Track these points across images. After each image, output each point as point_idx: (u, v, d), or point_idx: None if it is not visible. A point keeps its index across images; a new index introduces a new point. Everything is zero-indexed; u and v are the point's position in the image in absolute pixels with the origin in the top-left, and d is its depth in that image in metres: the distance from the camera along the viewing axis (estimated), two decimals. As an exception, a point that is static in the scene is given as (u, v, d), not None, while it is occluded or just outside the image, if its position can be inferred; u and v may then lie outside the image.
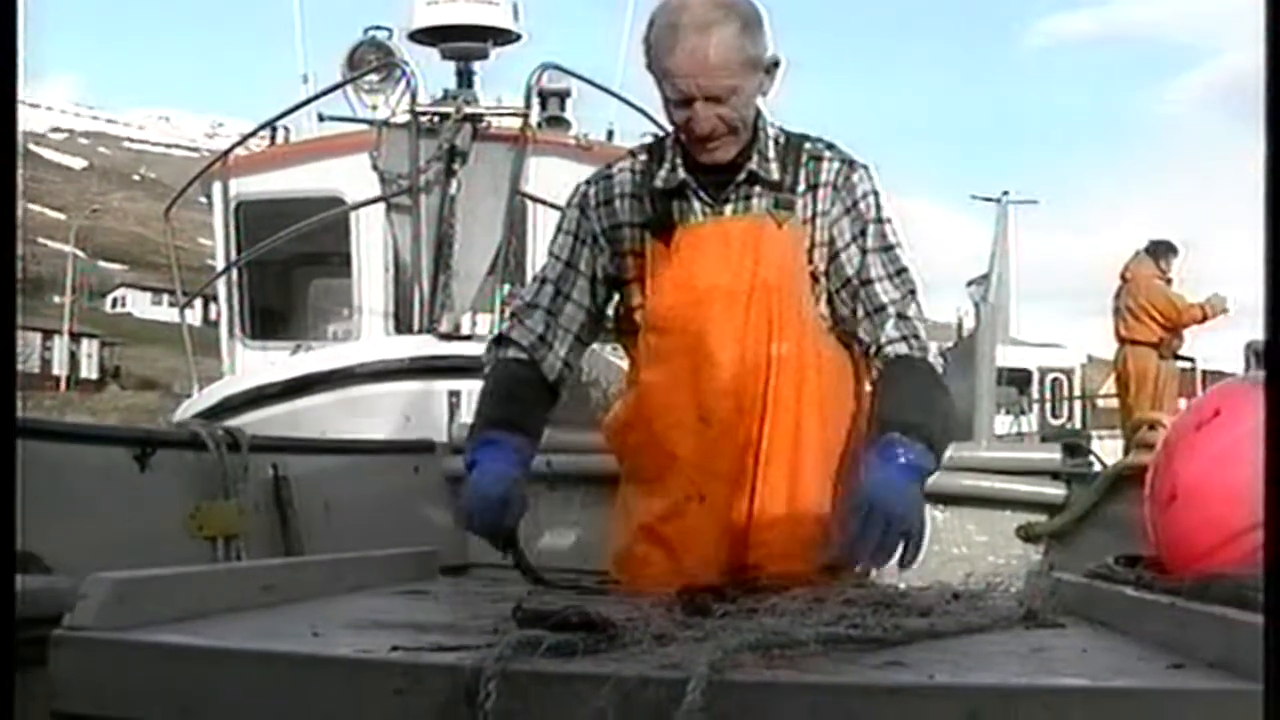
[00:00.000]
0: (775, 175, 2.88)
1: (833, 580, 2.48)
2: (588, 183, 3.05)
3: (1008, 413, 24.69)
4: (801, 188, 2.90)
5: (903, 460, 2.63)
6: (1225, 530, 2.40)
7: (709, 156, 2.83)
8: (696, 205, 2.90)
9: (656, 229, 2.91)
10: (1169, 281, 12.13)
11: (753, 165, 2.87)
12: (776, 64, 2.84)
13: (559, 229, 3.06)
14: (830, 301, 2.93)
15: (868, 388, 2.91)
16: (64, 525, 2.54)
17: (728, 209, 2.90)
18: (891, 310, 2.87)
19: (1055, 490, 3.84)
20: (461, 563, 3.93)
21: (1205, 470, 2.57)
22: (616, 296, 3.05)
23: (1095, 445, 4.10)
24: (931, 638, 1.94)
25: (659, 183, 2.91)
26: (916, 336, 2.87)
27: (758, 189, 2.89)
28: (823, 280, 2.91)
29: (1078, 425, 24.35)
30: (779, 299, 2.84)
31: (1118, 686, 1.60)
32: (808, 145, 2.94)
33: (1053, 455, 3.96)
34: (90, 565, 1.89)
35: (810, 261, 2.90)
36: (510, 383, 2.98)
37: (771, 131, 2.92)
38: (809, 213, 2.90)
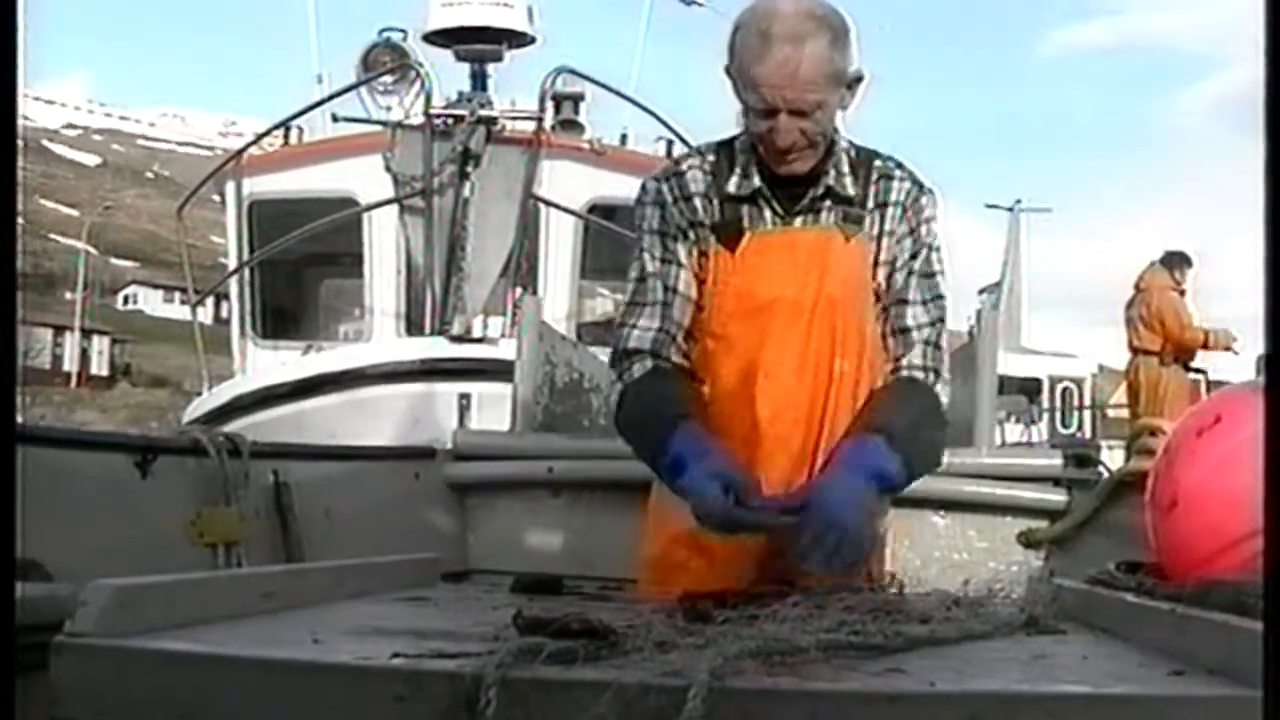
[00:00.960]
0: (850, 190, 2.86)
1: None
2: (658, 179, 2.96)
3: (1017, 421, 24.70)
4: (870, 204, 2.88)
5: (865, 463, 2.62)
6: (1226, 536, 2.40)
7: (786, 169, 2.79)
8: (767, 214, 2.86)
9: (723, 234, 2.87)
10: (1182, 293, 12.12)
11: (830, 180, 2.84)
12: (860, 79, 2.79)
13: (640, 230, 2.95)
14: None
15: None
16: (65, 532, 2.54)
17: (797, 220, 2.87)
18: (917, 337, 2.87)
19: (1056, 496, 3.84)
20: (462, 569, 3.94)
21: (1206, 476, 2.57)
22: None
23: (1105, 455, 4.10)
24: (932, 644, 1.94)
25: (731, 188, 2.86)
26: (938, 372, 2.87)
27: (828, 202, 2.86)
28: (883, 298, 2.90)
29: (1088, 435, 24.35)
30: (843, 314, 2.83)
31: (1118, 693, 1.60)
32: (878, 162, 2.92)
33: (1053, 462, 3.96)
34: (91, 572, 1.89)
35: (874, 278, 2.89)
36: (653, 391, 2.82)
37: (844, 145, 2.89)
38: (876, 230, 2.88)
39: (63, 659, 1.71)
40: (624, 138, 10.39)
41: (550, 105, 8.76)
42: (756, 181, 2.85)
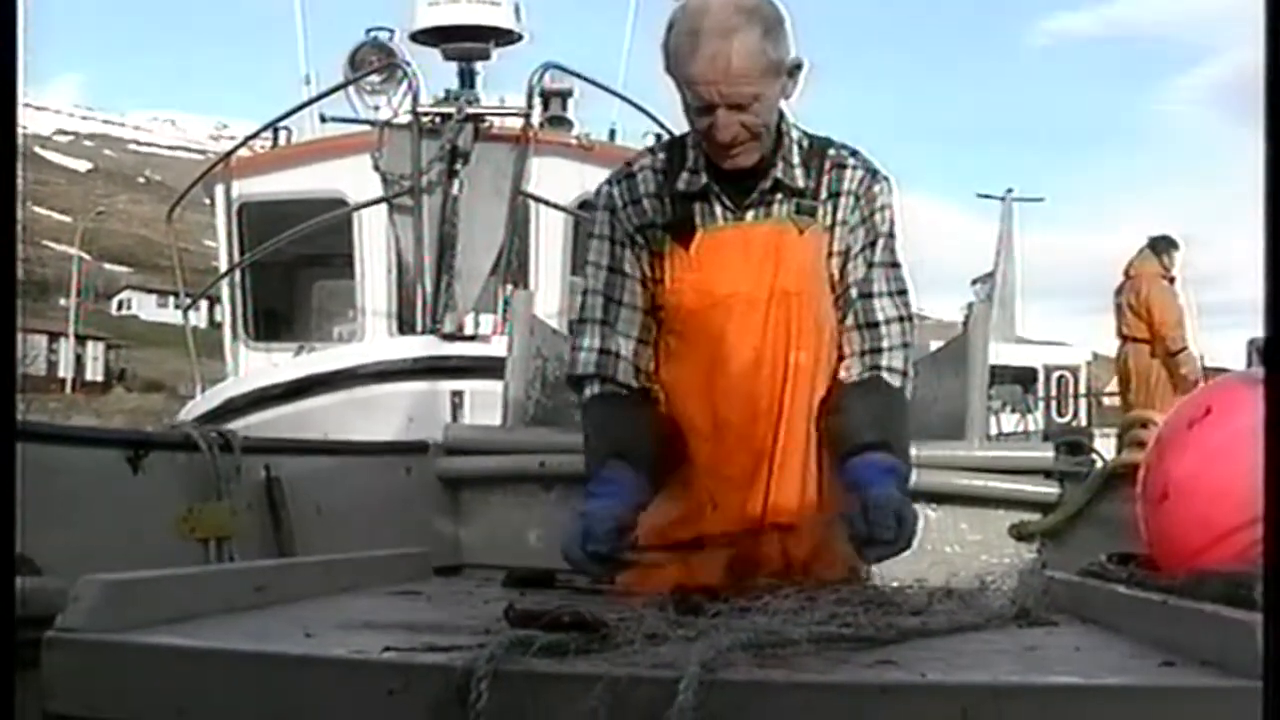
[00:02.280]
0: (800, 182, 2.85)
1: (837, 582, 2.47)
2: (610, 183, 2.97)
3: (1013, 411, 24.71)
4: (824, 194, 2.87)
5: (888, 468, 2.71)
6: (1217, 528, 2.40)
7: (731, 163, 2.79)
8: (718, 210, 2.86)
9: (677, 231, 2.87)
10: (1171, 279, 11.98)
11: (778, 173, 2.84)
12: (799, 66, 2.79)
13: (593, 235, 2.97)
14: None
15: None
16: (56, 527, 2.53)
17: (749, 214, 2.86)
18: (887, 333, 2.88)
19: (1048, 489, 3.84)
20: (454, 563, 3.94)
21: (1197, 468, 2.58)
22: None
23: (1099, 443, 4.10)
24: (924, 636, 1.94)
25: (681, 185, 2.86)
26: (906, 375, 2.90)
27: (779, 194, 2.86)
28: (837, 288, 2.90)
29: (1083, 423, 24.37)
30: (798, 306, 2.83)
31: (1110, 684, 1.61)
32: (831, 151, 2.91)
33: (1045, 454, 3.96)
34: (82, 567, 1.88)
35: (828, 269, 2.89)
36: (604, 415, 2.89)
37: (795, 135, 2.88)
38: (829, 220, 2.88)
39: (54, 654, 1.71)
40: (612, 133, 10.38)
41: (538, 102, 8.71)
42: (704, 178, 2.85)
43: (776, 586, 2.21)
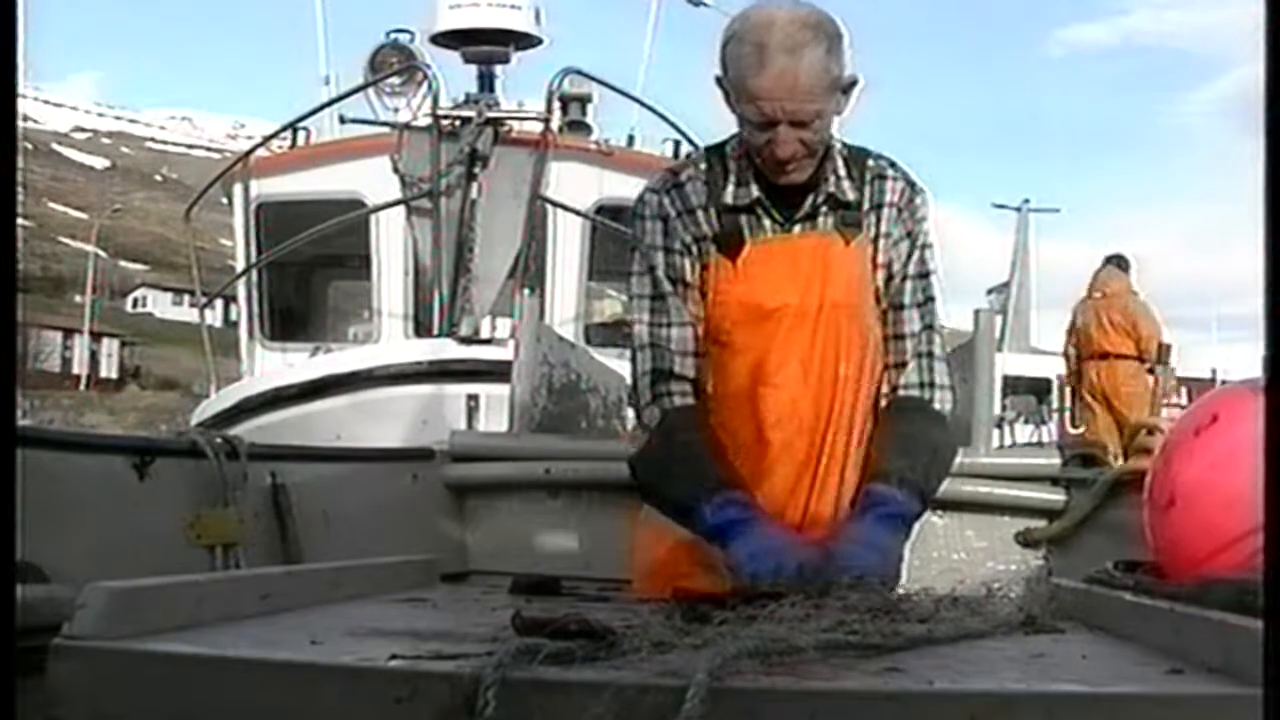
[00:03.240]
0: (850, 195, 2.84)
1: None
2: (657, 192, 2.90)
3: (1027, 422, 24.65)
4: (867, 206, 2.87)
5: (885, 511, 2.68)
6: (1224, 535, 2.40)
7: (785, 179, 2.77)
8: (767, 223, 2.84)
9: (723, 244, 2.84)
10: (1135, 294, 12.31)
11: (830, 187, 2.83)
12: (854, 83, 2.77)
13: (644, 244, 2.89)
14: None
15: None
16: (62, 534, 2.54)
17: (795, 227, 2.85)
18: (911, 346, 2.88)
19: (1054, 496, 3.84)
20: (461, 570, 3.94)
21: (1203, 475, 2.58)
22: None
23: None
24: (930, 644, 1.94)
25: (729, 199, 2.83)
26: (933, 385, 2.88)
27: (825, 207, 2.85)
28: (881, 301, 2.90)
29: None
30: (845, 318, 2.82)
31: (1117, 692, 1.60)
32: (870, 162, 2.90)
33: (1051, 461, 3.96)
34: (89, 574, 1.88)
35: (873, 281, 2.89)
36: (700, 432, 2.78)
37: (838, 147, 2.87)
38: (873, 232, 2.87)
39: (61, 662, 1.71)
40: (631, 139, 10.40)
41: (557, 106, 8.75)
42: (755, 191, 2.83)
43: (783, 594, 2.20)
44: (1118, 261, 12.33)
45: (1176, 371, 12.35)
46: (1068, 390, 12.91)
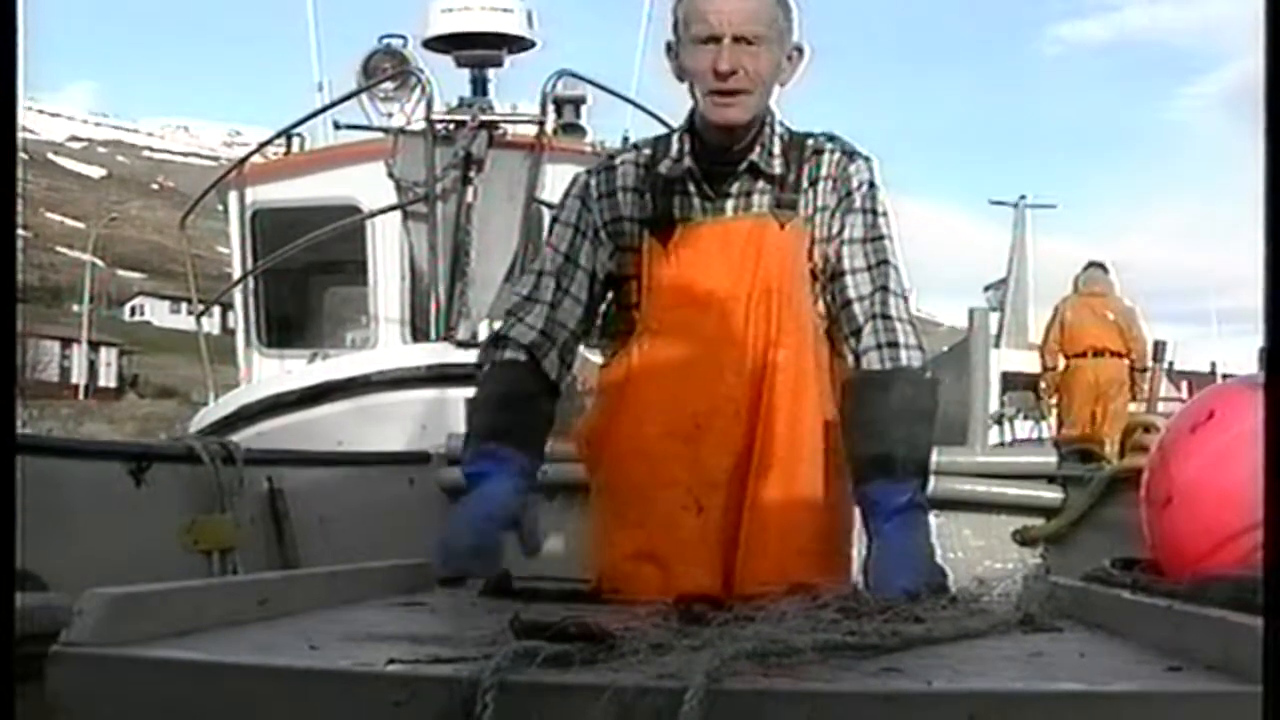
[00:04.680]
0: (777, 169, 2.82)
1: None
2: (589, 173, 2.96)
3: (1026, 418, 24.61)
4: (804, 184, 2.84)
5: (905, 510, 2.67)
6: (1221, 532, 2.40)
7: (722, 114, 2.75)
8: (697, 202, 2.83)
9: (655, 226, 2.84)
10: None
11: (754, 157, 2.81)
12: (800, 51, 2.81)
13: (556, 220, 2.98)
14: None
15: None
16: (59, 541, 2.54)
17: (729, 205, 2.84)
18: (861, 309, 2.81)
19: (1051, 494, 3.85)
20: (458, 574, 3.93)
21: (1201, 472, 2.58)
22: (610, 294, 2.97)
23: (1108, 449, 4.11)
24: (928, 643, 1.93)
25: (662, 169, 2.84)
26: (893, 344, 2.78)
27: (760, 185, 2.83)
28: (820, 278, 2.86)
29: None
30: (779, 303, 2.78)
31: (1116, 690, 1.60)
32: (810, 141, 2.88)
33: (1048, 459, 3.96)
34: (86, 581, 1.88)
35: (810, 259, 2.84)
36: (511, 384, 2.87)
37: (778, 127, 2.86)
38: (810, 210, 2.84)
39: (59, 669, 1.70)
40: (626, 140, 10.38)
41: (552, 109, 8.73)
42: (687, 162, 2.82)
43: (782, 594, 2.21)
44: (1101, 266, 12.59)
45: (1175, 367, 12.58)
46: (1045, 386, 12.98)
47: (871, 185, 2.87)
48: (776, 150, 2.84)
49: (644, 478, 2.80)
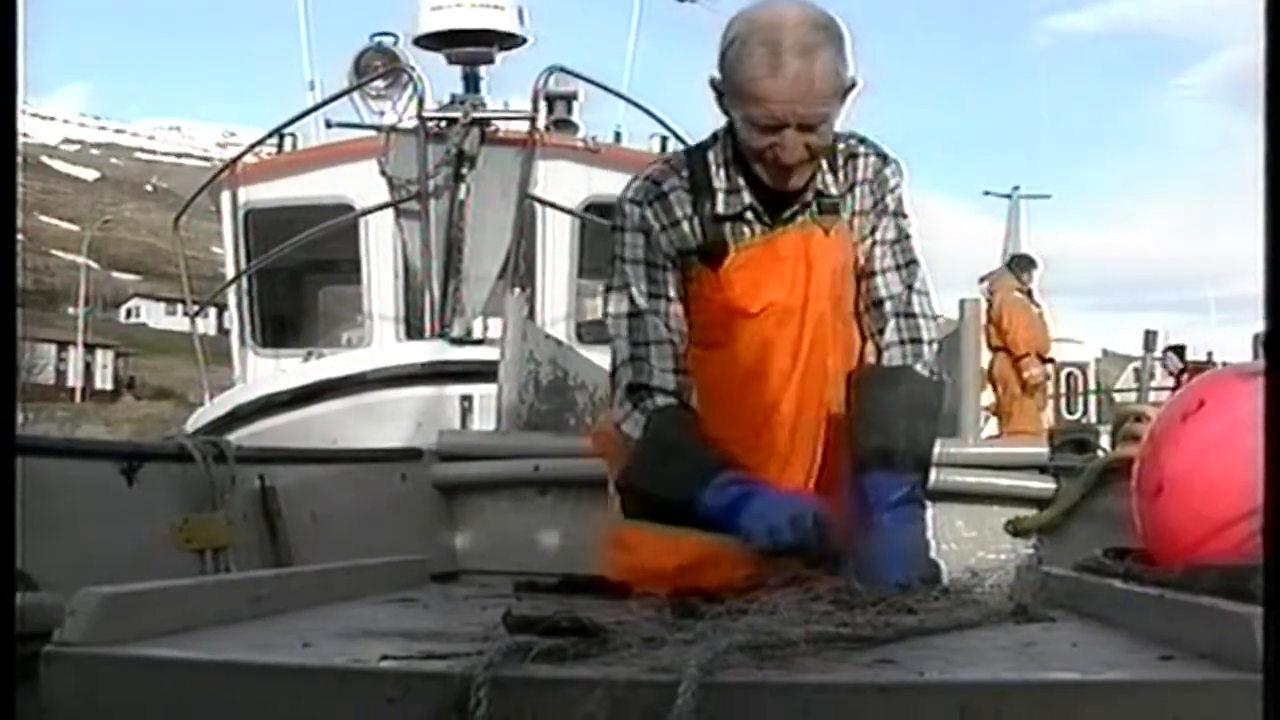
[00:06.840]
0: (833, 190, 2.82)
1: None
2: (638, 204, 2.82)
3: (1021, 409, 24.61)
4: (843, 189, 2.84)
5: (902, 504, 2.69)
6: (1213, 521, 2.40)
7: (786, 185, 2.73)
8: (753, 229, 2.80)
9: (707, 255, 2.79)
10: (1028, 293, 13.30)
11: (818, 184, 2.80)
12: (854, 85, 2.71)
13: (623, 258, 2.83)
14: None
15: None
16: (51, 541, 2.52)
17: (785, 225, 2.82)
18: (890, 308, 2.84)
19: (1043, 484, 3.84)
20: (451, 570, 3.93)
21: (1192, 461, 2.58)
22: None
23: (1106, 440, 4.10)
24: (921, 634, 1.94)
25: (720, 209, 2.78)
26: (916, 340, 2.82)
27: (813, 200, 2.82)
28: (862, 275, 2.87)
29: (1093, 420, 24.36)
30: (831, 310, 2.80)
31: (1108, 679, 1.61)
32: (841, 145, 2.85)
33: (1040, 449, 3.96)
34: (78, 580, 1.88)
35: (856, 262, 2.86)
36: (684, 426, 2.74)
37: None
38: (850, 213, 2.85)
39: (52, 668, 1.70)
40: (618, 135, 10.39)
41: (543, 105, 8.74)
42: (747, 199, 2.78)
43: (776, 586, 2.21)
44: (1009, 263, 13.83)
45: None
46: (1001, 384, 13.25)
47: (899, 189, 2.90)
48: (825, 166, 2.81)
49: None
